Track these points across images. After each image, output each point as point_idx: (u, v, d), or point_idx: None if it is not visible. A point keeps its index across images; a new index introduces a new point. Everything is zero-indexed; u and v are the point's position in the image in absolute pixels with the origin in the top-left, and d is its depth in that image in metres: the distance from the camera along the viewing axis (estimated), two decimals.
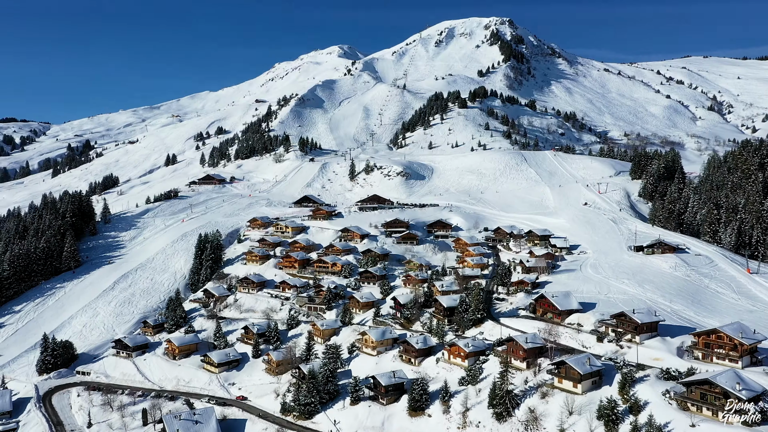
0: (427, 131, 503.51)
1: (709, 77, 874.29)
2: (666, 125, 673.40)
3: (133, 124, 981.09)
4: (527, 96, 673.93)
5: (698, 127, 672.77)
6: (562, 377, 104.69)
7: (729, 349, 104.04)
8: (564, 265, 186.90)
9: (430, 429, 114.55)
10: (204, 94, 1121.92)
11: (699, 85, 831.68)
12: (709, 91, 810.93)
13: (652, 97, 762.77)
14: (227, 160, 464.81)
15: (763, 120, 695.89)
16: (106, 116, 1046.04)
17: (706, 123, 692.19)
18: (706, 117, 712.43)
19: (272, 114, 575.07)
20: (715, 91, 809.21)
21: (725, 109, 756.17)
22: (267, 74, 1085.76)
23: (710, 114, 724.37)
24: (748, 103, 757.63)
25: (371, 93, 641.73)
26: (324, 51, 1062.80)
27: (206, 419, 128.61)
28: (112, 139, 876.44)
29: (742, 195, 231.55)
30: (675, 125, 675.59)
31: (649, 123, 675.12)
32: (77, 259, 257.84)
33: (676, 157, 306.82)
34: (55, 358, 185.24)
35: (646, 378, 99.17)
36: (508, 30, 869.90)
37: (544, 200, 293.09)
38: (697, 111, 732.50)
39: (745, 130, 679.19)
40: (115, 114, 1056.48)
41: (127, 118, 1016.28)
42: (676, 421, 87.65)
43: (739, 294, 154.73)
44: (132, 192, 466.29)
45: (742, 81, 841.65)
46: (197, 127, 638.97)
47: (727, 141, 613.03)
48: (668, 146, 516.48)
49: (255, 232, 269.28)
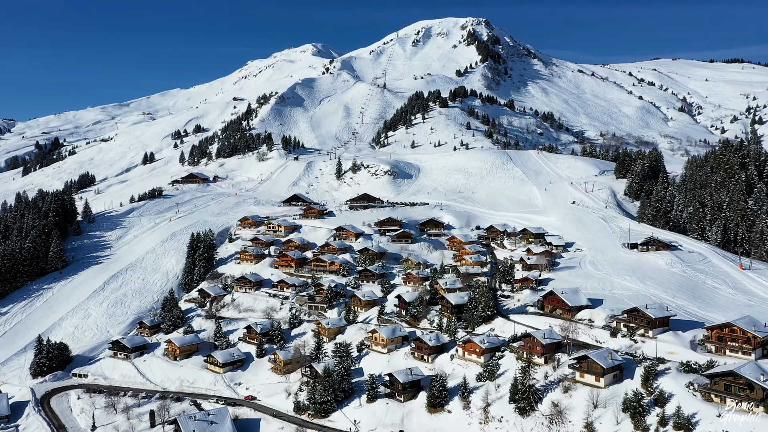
0: (410, 130, 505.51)
1: (678, 79, 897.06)
2: (639, 126, 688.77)
3: (102, 121, 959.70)
4: (505, 96, 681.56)
5: (670, 128, 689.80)
6: (584, 371, 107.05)
7: (742, 342, 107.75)
8: (563, 262, 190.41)
9: (450, 425, 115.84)
10: (175, 92, 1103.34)
11: (669, 87, 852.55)
12: (679, 92, 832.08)
13: (625, 98, 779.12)
14: (208, 159, 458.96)
15: (731, 121, 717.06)
16: (74, 113, 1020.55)
17: (677, 124, 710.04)
18: (677, 118, 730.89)
19: (252, 112, 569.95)
20: (684, 93, 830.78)
21: (695, 110, 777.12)
22: (240, 72, 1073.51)
23: (681, 115, 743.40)
24: (717, 104, 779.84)
25: (351, 92, 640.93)
26: (298, 49, 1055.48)
27: (221, 419, 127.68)
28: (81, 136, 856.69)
29: (726, 194, 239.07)
30: (648, 126, 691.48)
31: (623, 123, 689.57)
32: (63, 259, 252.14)
33: (659, 156, 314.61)
34: (50, 361, 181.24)
35: (667, 371, 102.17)
36: (484, 30, 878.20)
37: (532, 199, 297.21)
38: (668, 112, 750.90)
39: (714, 131, 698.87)
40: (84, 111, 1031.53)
41: (96, 116, 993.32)
42: (702, 411, 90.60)
43: (735, 289, 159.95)
44: (110, 191, 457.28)
45: (710, 83, 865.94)
46: (174, 125, 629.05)
47: (698, 141, 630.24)
48: (643, 146, 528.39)
49: (246, 231, 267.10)
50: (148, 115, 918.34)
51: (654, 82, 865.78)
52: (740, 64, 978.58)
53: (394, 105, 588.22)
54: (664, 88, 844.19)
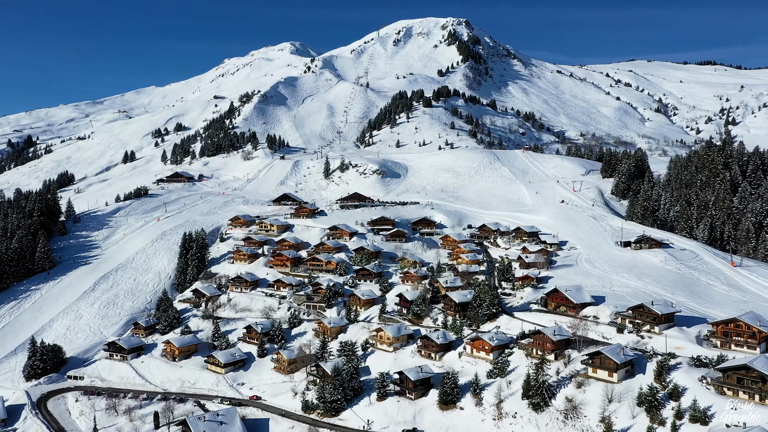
0: (394, 130, 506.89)
1: (653, 80, 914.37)
2: (617, 126, 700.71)
3: (76, 119, 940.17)
4: (486, 96, 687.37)
5: (647, 128, 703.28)
6: (597, 367, 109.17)
7: (747, 336, 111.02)
8: (559, 260, 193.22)
9: (463, 422, 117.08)
10: (150, 89, 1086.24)
11: (645, 88, 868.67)
12: (654, 93, 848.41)
13: (603, 99, 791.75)
14: (192, 158, 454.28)
15: (705, 122, 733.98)
16: (46, 111, 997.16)
17: (654, 124, 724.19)
18: (654, 118, 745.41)
19: (235, 111, 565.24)
20: (660, 94, 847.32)
21: (670, 111, 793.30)
22: (217, 70, 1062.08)
23: (657, 116, 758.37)
24: (691, 105, 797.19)
25: (334, 91, 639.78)
26: (275, 47, 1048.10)
27: (230, 419, 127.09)
28: (54, 134, 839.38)
29: (711, 193, 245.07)
30: (626, 126, 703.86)
31: (601, 123, 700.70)
32: (51, 260, 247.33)
33: (644, 156, 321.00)
34: (44, 363, 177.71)
35: (679, 366, 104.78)
36: (464, 31, 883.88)
37: (521, 198, 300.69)
38: (645, 113, 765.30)
39: (690, 131, 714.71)
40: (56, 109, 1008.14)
41: (69, 113, 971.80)
42: (717, 405, 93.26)
43: (728, 286, 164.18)
44: (90, 190, 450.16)
45: (684, 84, 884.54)
46: (154, 123, 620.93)
47: (675, 141, 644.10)
48: (622, 146, 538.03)
49: (238, 231, 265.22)
50: (123, 113, 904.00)
51: (630, 83, 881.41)
52: (713, 66, 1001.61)
53: (378, 104, 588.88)
54: (640, 89, 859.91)
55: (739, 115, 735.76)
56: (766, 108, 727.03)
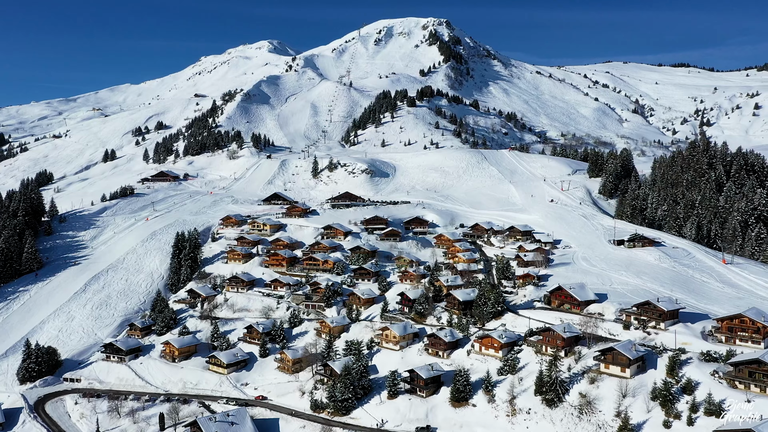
0: (379, 129, 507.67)
1: (630, 82, 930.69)
2: (596, 126, 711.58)
3: (49, 117, 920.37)
4: (468, 96, 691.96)
5: (625, 129, 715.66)
6: (609, 363, 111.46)
7: (752, 332, 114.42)
8: (555, 259, 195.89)
9: (476, 418, 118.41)
10: (125, 87, 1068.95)
11: (622, 89, 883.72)
12: (631, 95, 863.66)
13: (582, 100, 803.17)
14: (176, 157, 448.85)
15: (681, 123, 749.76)
16: (17, 108, 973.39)
17: (631, 125, 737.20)
18: (632, 119, 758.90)
19: (218, 109, 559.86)
20: (637, 95, 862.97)
21: (647, 112, 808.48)
22: (193, 67, 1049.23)
23: (635, 116, 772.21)
24: (667, 107, 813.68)
25: (317, 90, 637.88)
26: (253, 45, 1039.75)
27: (240, 419, 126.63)
28: (27, 132, 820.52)
29: (698, 192, 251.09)
30: (604, 126, 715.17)
31: (581, 124, 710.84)
32: (39, 260, 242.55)
33: (629, 156, 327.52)
34: (39, 365, 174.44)
35: (689, 361, 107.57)
36: (445, 31, 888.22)
37: (510, 197, 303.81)
38: (622, 113, 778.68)
39: (666, 132, 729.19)
40: (27, 106, 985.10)
41: (42, 111, 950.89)
42: (730, 398, 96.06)
43: (722, 283, 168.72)
44: (71, 189, 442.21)
45: (660, 86, 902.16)
46: (134, 122, 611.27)
47: (652, 142, 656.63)
48: (602, 146, 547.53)
49: (229, 231, 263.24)
50: (98, 111, 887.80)
51: (608, 84, 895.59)
52: (686, 68, 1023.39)
53: (361, 104, 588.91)
54: (617, 90, 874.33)
55: (713, 116, 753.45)
56: (738, 109, 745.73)
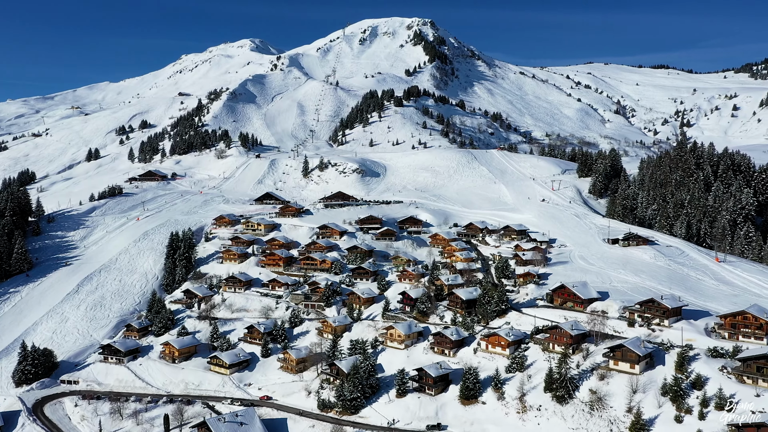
0: (367, 129, 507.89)
1: (611, 83, 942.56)
2: (580, 126, 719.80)
3: (26, 115, 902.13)
4: (453, 96, 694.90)
5: (608, 129, 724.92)
6: (618, 359, 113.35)
7: (755, 328, 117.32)
8: (553, 257, 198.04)
9: (486, 416, 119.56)
10: (104, 85, 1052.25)
11: (604, 90, 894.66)
12: (613, 95, 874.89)
13: (565, 100, 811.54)
14: (162, 156, 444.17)
15: (662, 123, 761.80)
16: None
17: (614, 125, 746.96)
18: (614, 120, 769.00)
19: (203, 108, 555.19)
20: (618, 96, 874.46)
21: (629, 113, 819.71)
22: (174, 66, 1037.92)
23: (617, 117, 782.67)
24: (648, 107, 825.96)
25: (304, 89, 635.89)
26: (235, 44, 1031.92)
27: (249, 419, 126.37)
28: (4, 131, 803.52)
29: (686, 192, 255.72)
30: (588, 127, 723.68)
31: (565, 124, 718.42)
32: (29, 261, 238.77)
33: (618, 156, 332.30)
34: (35, 368, 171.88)
35: (697, 357, 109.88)
36: (430, 31, 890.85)
37: (501, 197, 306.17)
38: (605, 114, 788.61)
39: (647, 133, 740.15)
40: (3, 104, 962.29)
41: (18, 109, 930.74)
42: (740, 392, 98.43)
43: (717, 280, 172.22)
44: (55, 189, 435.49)
45: (641, 87, 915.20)
46: (117, 120, 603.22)
47: (635, 142, 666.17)
48: (586, 146, 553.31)
49: (223, 230, 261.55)
50: (77, 109, 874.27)
51: (590, 85, 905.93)
52: (666, 70, 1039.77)
53: (348, 103, 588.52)
54: (599, 91, 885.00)
55: (693, 117, 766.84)
56: (717, 111, 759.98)
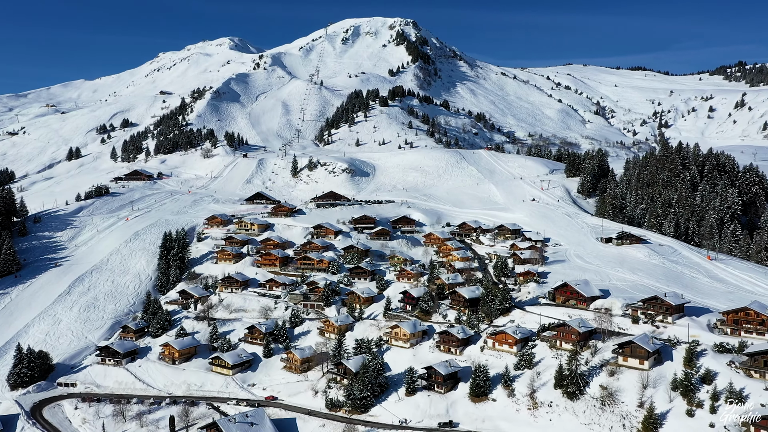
0: (353, 128, 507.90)
1: (590, 84, 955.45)
2: (561, 127, 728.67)
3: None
4: (437, 96, 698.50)
5: (588, 130, 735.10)
6: (628, 356, 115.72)
7: (757, 324, 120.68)
8: (550, 256, 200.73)
9: (497, 413, 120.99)
10: (79, 83, 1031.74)
11: (583, 91, 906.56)
12: (593, 96, 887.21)
13: (546, 101, 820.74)
14: (147, 155, 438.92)
15: (641, 124, 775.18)
16: None
17: (594, 126, 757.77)
18: (594, 120, 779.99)
19: (187, 107, 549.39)
20: (597, 97, 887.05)
21: (608, 114, 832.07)
22: (151, 64, 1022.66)
23: (597, 118, 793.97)
24: (627, 108, 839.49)
25: (288, 88, 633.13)
26: (213, 42, 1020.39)
27: (259, 420, 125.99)
28: None
29: (674, 191, 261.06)
30: (569, 127, 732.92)
31: (546, 125, 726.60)
32: (17, 262, 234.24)
33: (605, 156, 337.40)
34: (31, 370, 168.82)
35: (704, 352, 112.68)
36: (412, 31, 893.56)
37: (491, 197, 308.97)
38: (585, 115, 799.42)
39: (627, 133, 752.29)
40: None
41: None
42: (749, 386, 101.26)
43: (710, 278, 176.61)
44: (35, 189, 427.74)
45: (619, 89, 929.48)
46: (98, 119, 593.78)
47: (615, 143, 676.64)
48: (567, 146, 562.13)
49: (215, 230, 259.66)
50: (52, 107, 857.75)
51: (570, 86, 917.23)
52: (643, 71, 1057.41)
53: (333, 103, 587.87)
54: (579, 92, 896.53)
55: (671, 118, 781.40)
56: (694, 112, 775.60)
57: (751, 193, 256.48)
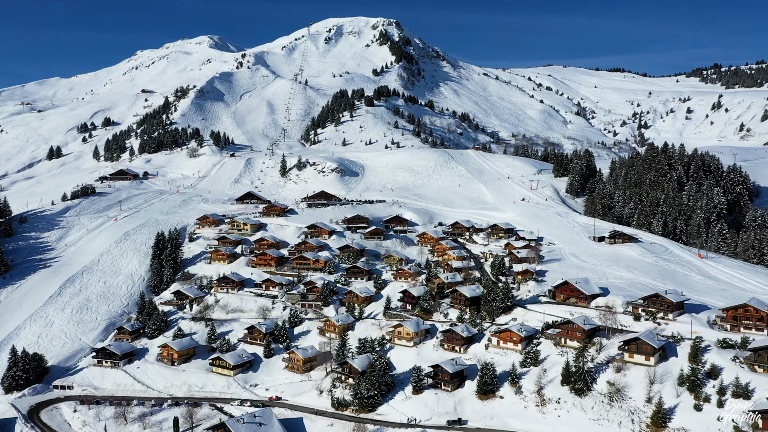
0: (339, 128, 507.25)
1: (571, 85, 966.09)
2: (543, 127, 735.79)
3: None
4: (420, 96, 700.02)
5: (570, 130, 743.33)
6: (634, 352, 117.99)
7: (755, 320, 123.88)
8: (545, 255, 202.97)
9: (505, 410, 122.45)
10: (54, 81, 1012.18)
11: (564, 92, 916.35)
12: (573, 97, 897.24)
13: (528, 102, 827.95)
14: (131, 154, 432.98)
15: (621, 125, 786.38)
16: None
17: (576, 126, 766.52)
18: (575, 121, 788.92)
19: (170, 105, 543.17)
20: (578, 98, 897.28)
21: (589, 115, 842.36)
22: (129, 62, 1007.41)
23: (578, 118, 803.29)
24: (607, 109, 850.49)
25: (272, 87, 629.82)
26: (193, 41, 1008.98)
27: (268, 420, 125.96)
28: None
29: (661, 191, 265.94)
30: (551, 128, 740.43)
31: (529, 125, 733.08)
32: (5, 263, 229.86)
33: (591, 157, 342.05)
34: (26, 373, 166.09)
35: (709, 348, 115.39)
36: (395, 31, 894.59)
37: (481, 196, 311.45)
38: (566, 115, 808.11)
39: (607, 134, 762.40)
40: None
41: None
42: (754, 381, 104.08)
43: (702, 276, 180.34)
44: (16, 188, 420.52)
45: (599, 90, 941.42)
46: (78, 118, 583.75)
47: (596, 143, 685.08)
48: (550, 147, 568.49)
49: (207, 230, 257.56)
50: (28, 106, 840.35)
51: (551, 87, 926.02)
52: (622, 73, 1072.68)
53: (318, 102, 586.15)
54: (560, 93, 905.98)
55: (650, 119, 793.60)
56: (672, 113, 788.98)
57: (735, 193, 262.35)
